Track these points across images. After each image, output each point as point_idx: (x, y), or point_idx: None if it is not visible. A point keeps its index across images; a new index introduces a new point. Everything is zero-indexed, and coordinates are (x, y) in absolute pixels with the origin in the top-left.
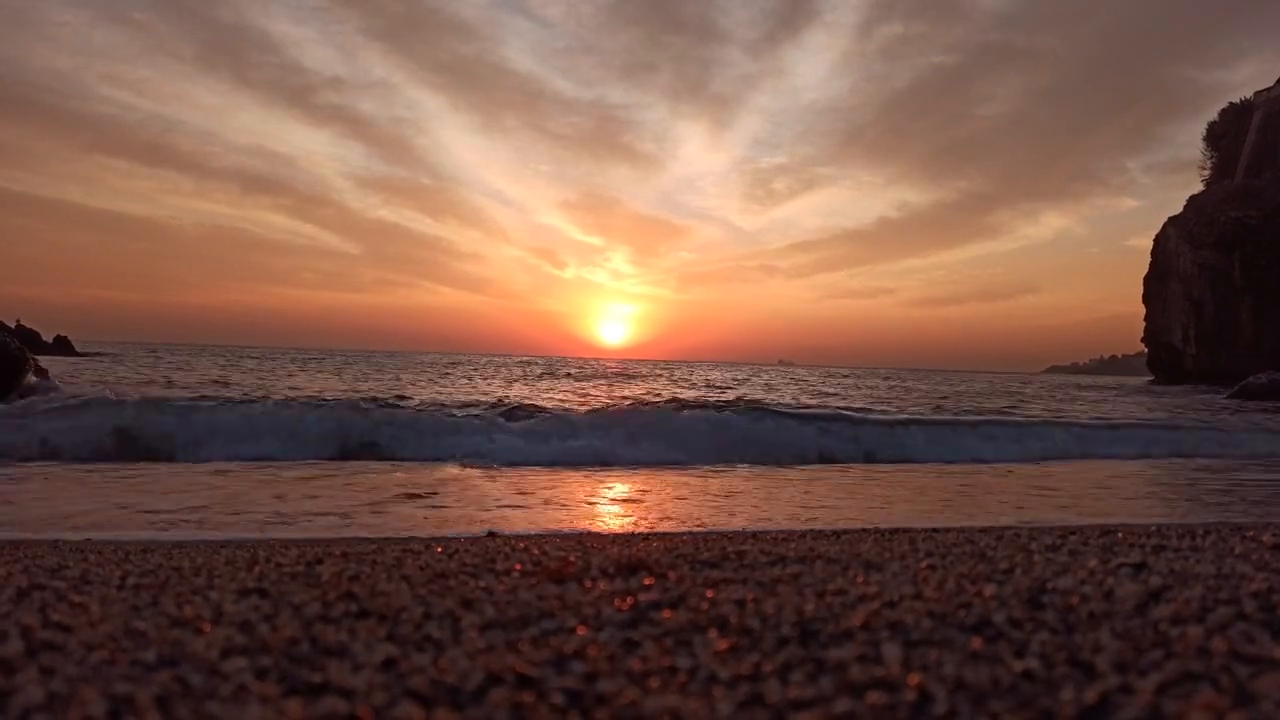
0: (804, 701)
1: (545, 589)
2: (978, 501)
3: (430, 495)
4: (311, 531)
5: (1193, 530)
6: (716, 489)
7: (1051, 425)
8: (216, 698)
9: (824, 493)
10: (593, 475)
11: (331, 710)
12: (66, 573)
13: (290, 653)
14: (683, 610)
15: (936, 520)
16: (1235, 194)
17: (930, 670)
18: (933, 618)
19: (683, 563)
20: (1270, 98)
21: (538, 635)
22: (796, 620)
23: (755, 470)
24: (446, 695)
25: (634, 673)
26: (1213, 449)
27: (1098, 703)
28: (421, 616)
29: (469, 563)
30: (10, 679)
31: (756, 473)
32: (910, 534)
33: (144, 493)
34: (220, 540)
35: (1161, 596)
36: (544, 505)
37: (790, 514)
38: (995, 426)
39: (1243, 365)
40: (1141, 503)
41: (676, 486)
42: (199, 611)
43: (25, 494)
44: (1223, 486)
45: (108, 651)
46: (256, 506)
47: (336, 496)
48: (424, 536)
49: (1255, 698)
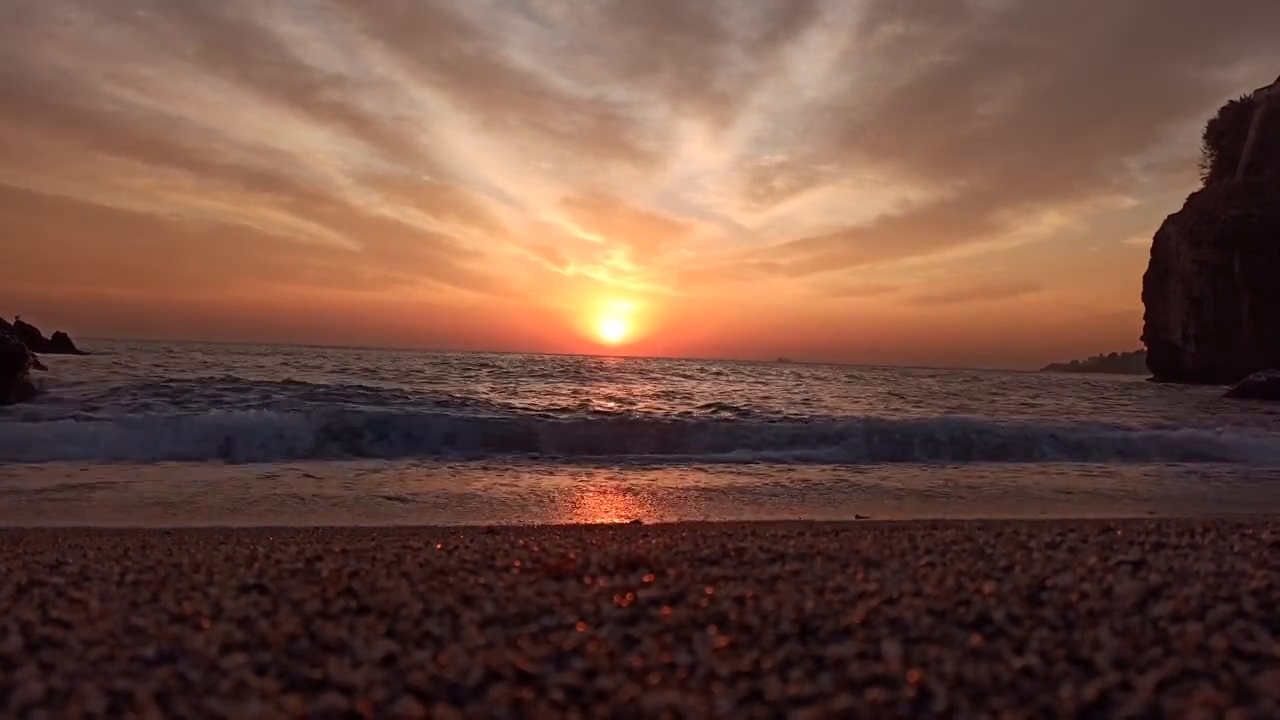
0: (803, 698)
1: (545, 585)
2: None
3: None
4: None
5: (1192, 528)
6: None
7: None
8: (216, 693)
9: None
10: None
11: (331, 706)
12: (66, 569)
13: (290, 649)
14: (682, 607)
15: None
16: (1235, 192)
17: (930, 667)
18: (932, 615)
19: (682, 560)
20: (1270, 96)
21: (537, 631)
22: (796, 617)
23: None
24: (446, 691)
25: (633, 669)
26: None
27: (1097, 700)
28: (421, 613)
29: (468, 559)
30: (10, 675)
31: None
32: (910, 531)
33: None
34: (220, 537)
35: (1161, 594)
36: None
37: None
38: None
39: (1242, 363)
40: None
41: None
42: (198, 608)
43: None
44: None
45: (107, 647)
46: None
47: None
48: (423, 533)
49: (1255, 695)
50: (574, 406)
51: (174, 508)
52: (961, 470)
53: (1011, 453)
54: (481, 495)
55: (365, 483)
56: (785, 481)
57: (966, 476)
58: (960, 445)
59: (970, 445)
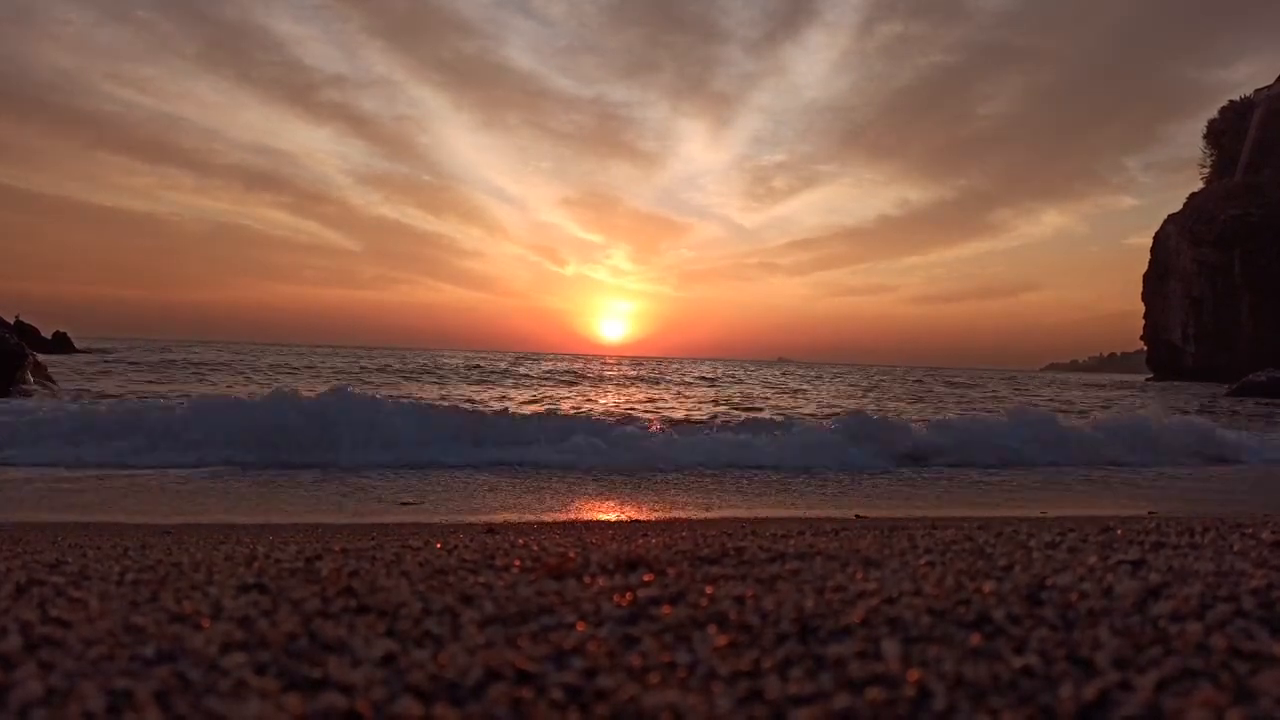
0: (803, 698)
1: (544, 585)
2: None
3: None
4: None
5: (1191, 527)
6: None
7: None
8: (216, 693)
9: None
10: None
11: (331, 705)
12: (65, 568)
13: (289, 648)
14: (682, 606)
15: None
16: (1235, 192)
17: (930, 666)
18: (932, 614)
19: (682, 559)
20: (1270, 96)
21: (537, 631)
22: (796, 617)
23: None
24: (446, 691)
25: (633, 668)
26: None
27: (1097, 699)
28: (421, 612)
29: (468, 559)
30: (9, 674)
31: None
32: (909, 531)
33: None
34: (220, 537)
35: (1161, 593)
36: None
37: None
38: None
39: (1242, 363)
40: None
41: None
42: (198, 607)
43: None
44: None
45: (107, 647)
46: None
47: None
48: (423, 532)
49: (1254, 694)
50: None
51: (171, 500)
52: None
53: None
54: (486, 495)
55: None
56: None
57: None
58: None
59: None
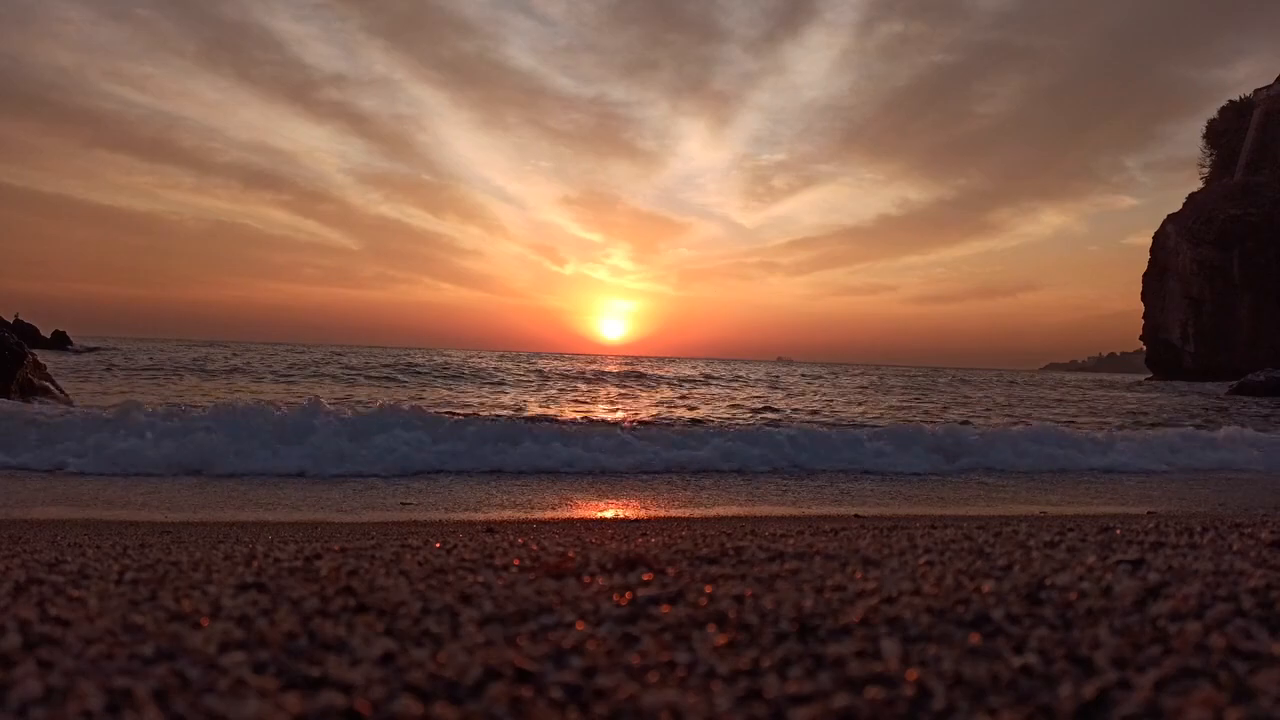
0: (802, 697)
1: (544, 584)
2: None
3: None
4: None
5: (1191, 527)
6: None
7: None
8: (214, 691)
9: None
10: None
11: (330, 704)
12: (64, 567)
13: (288, 647)
14: (681, 605)
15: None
16: (1234, 191)
17: (929, 666)
18: (931, 614)
19: (681, 558)
20: (1270, 96)
21: (536, 630)
22: (795, 616)
23: None
24: (445, 690)
25: (632, 667)
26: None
27: (1096, 698)
28: (420, 611)
29: (467, 558)
30: (8, 673)
31: None
32: (909, 530)
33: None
34: (219, 535)
35: (1160, 593)
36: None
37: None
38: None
39: (1241, 362)
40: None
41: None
42: (197, 606)
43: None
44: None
45: (106, 645)
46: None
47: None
48: (422, 531)
49: (1253, 694)
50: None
51: (167, 501)
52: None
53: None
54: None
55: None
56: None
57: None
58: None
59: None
